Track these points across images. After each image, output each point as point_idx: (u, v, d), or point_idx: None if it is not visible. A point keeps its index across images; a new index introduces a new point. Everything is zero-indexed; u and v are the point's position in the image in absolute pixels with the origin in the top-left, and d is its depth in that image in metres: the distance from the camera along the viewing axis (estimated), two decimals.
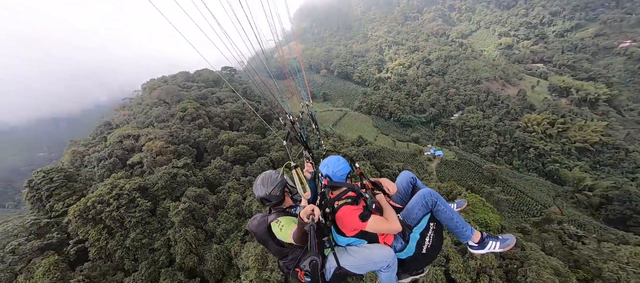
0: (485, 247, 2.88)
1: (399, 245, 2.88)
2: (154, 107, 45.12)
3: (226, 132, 38.72)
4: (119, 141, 34.57)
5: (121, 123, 43.53)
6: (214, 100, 49.35)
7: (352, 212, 2.65)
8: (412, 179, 3.30)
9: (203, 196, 27.84)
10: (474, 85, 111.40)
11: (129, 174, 30.16)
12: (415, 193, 2.92)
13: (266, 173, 2.88)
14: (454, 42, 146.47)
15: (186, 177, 29.51)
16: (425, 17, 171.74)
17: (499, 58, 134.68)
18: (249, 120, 45.19)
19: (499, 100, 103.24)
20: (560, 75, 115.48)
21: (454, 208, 3.13)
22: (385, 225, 2.65)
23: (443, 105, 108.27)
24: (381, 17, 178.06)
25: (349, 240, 2.79)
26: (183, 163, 31.13)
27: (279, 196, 2.81)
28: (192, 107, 41.61)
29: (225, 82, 60.60)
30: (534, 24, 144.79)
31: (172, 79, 57.92)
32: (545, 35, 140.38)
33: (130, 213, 24.98)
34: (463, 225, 2.87)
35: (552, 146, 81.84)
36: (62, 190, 28.73)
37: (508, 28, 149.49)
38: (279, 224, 2.62)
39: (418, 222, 2.87)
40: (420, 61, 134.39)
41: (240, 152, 35.59)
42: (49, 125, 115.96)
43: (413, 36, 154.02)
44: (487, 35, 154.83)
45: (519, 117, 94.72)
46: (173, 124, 39.07)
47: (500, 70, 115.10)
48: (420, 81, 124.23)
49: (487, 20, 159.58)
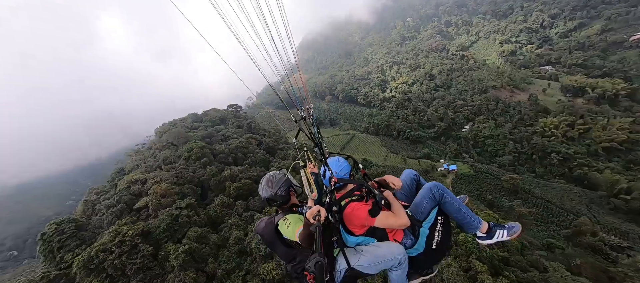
0: (494, 236, 2.89)
1: (409, 242, 2.87)
2: (162, 150, 47.18)
3: (230, 168, 39.36)
4: (127, 187, 35.80)
5: (133, 168, 45.44)
6: (219, 138, 51.04)
7: (360, 208, 2.65)
8: (415, 176, 3.34)
9: (204, 236, 27.59)
10: (481, 94, 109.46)
11: (135, 219, 30.74)
12: (421, 188, 2.94)
13: (270, 174, 2.91)
14: (455, 55, 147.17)
15: (188, 217, 29.62)
16: (423, 35, 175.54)
17: (503, 65, 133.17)
18: (252, 154, 45.97)
19: (510, 107, 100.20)
20: (572, 74, 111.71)
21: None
22: (393, 220, 2.65)
23: (452, 117, 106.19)
24: (379, 41, 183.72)
25: (358, 239, 2.78)
26: (186, 203, 31.48)
27: (285, 196, 2.83)
28: (197, 147, 43.12)
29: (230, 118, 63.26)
30: (534, 29, 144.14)
31: (181, 122, 60.97)
32: (548, 38, 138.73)
33: (131, 260, 24.96)
34: (471, 216, 2.88)
35: (576, 149, 76.83)
36: (72, 241, 29.47)
37: (508, 35, 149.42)
38: (286, 222, 2.61)
39: (426, 216, 2.87)
40: (423, 77, 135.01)
41: (243, 187, 35.76)
42: (77, 173, 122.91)
43: (413, 54, 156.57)
44: (487, 45, 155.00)
45: (534, 122, 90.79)
46: (179, 165, 40.38)
47: (506, 77, 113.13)
48: (425, 96, 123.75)
49: (486, 31, 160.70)
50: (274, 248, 2.80)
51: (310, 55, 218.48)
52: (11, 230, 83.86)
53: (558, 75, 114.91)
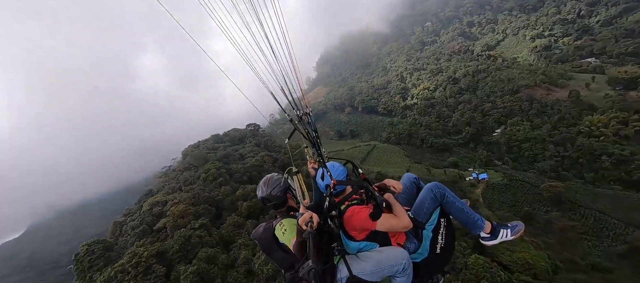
0: (498, 236, 2.85)
1: (413, 246, 2.81)
2: (184, 171, 50.19)
3: (243, 187, 40.37)
4: (149, 209, 38.39)
5: (159, 190, 48.87)
6: (236, 157, 53.04)
7: (360, 212, 2.61)
8: (415, 179, 3.32)
9: (214, 257, 28.13)
10: (512, 95, 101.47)
11: (155, 240, 32.55)
12: (422, 190, 2.92)
13: (269, 175, 3.00)
14: (481, 56, 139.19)
15: (200, 237, 30.58)
16: (444, 39, 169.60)
17: (537, 62, 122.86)
18: (267, 172, 46.64)
19: (547, 106, 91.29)
20: (621, 65, 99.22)
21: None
22: (395, 222, 2.59)
23: (480, 122, 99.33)
24: (398, 49, 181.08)
25: (359, 245, 2.71)
26: (199, 224, 32.59)
27: (280, 197, 2.86)
28: (214, 167, 45.12)
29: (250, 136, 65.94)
30: (570, 19, 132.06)
31: (203, 143, 64.62)
32: (588, 28, 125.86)
33: (146, 280, 26.28)
34: (474, 216, 2.85)
35: (633, 149, 66.96)
36: (100, 261, 31.94)
37: (540, 29, 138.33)
38: (282, 228, 2.61)
39: (429, 218, 2.83)
40: (446, 81, 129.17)
41: (254, 206, 36.22)
42: (125, 193, 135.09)
43: (434, 59, 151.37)
44: (517, 42, 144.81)
45: (577, 121, 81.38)
46: (197, 186, 42.47)
47: (540, 74, 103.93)
48: (449, 101, 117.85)
49: (514, 27, 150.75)
50: (271, 255, 2.78)
51: (329, 69, 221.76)
52: (68, 247, 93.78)
53: (604, 67, 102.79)
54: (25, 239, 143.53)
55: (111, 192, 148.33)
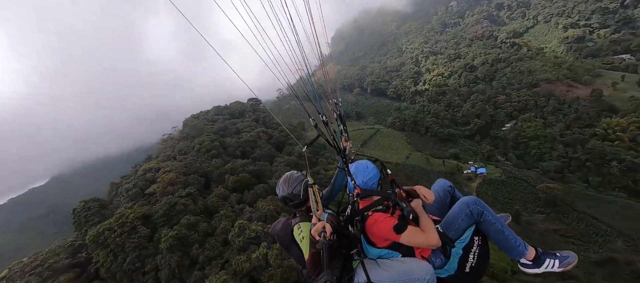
0: (542, 265, 2.56)
1: (439, 261, 2.61)
2: (181, 141, 52.09)
3: (234, 161, 41.76)
4: (143, 174, 40.79)
5: (157, 156, 51.37)
6: (233, 131, 54.19)
7: (384, 221, 2.49)
8: (449, 187, 3.04)
9: (195, 224, 30.14)
10: (530, 89, 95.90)
11: (145, 203, 34.99)
12: (457, 202, 2.68)
13: (289, 173, 2.89)
14: (505, 43, 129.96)
15: (185, 205, 32.56)
16: (468, 21, 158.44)
17: (564, 54, 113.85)
18: (259, 148, 47.91)
19: (565, 104, 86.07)
20: None
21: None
22: (422, 238, 2.43)
23: (491, 114, 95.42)
24: (417, 29, 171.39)
25: (380, 252, 2.61)
26: (186, 192, 34.54)
27: (302, 195, 2.77)
28: (208, 139, 46.54)
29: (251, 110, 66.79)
30: (612, 9, 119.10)
31: (204, 114, 65.96)
32: (631, 20, 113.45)
33: (130, 239, 28.77)
34: (515, 240, 2.56)
35: None
36: (95, 217, 34.95)
37: (576, 18, 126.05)
38: (300, 232, 2.57)
39: (461, 235, 2.59)
40: (463, 68, 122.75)
41: (240, 180, 37.70)
42: (137, 154, 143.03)
43: (453, 43, 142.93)
44: (547, 30, 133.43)
45: (594, 122, 76.70)
46: (190, 156, 44.29)
47: (565, 69, 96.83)
48: (462, 90, 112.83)
49: (547, 13, 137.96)
50: (289, 251, 2.77)
51: (343, 47, 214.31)
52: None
53: (638, 65, 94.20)
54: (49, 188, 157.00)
55: (128, 151, 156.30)
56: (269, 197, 33.53)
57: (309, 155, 2.21)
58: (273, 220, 28.45)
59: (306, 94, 3.10)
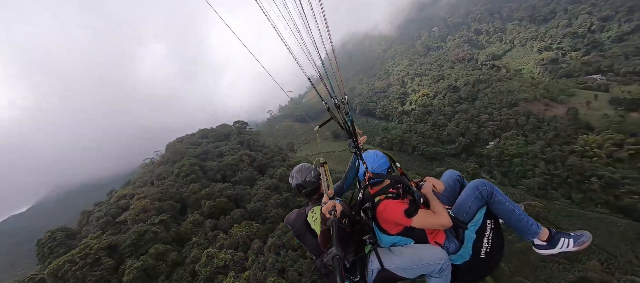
0: (557, 245, 2.51)
1: (453, 246, 2.59)
2: (161, 166, 51.36)
3: (213, 185, 41.12)
4: (116, 201, 39.63)
5: (136, 181, 50.31)
6: (215, 154, 53.95)
7: (395, 206, 2.51)
8: (458, 177, 3.10)
9: (164, 253, 28.94)
10: (510, 108, 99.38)
11: (116, 232, 33.63)
12: (465, 187, 2.71)
13: (300, 164, 3.12)
14: (485, 65, 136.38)
15: (155, 233, 31.42)
16: (449, 45, 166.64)
17: (541, 75, 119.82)
18: (241, 171, 47.55)
19: (544, 122, 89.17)
20: (627, 84, 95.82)
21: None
22: (433, 219, 2.42)
23: (475, 133, 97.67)
24: (402, 52, 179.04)
25: (393, 239, 2.61)
26: (159, 220, 33.51)
27: (314, 183, 2.94)
28: (188, 163, 46.09)
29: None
30: (580, 33, 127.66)
31: (188, 138, 65.82)
32: (599, 43, 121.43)
33: (92, 272, 27.26)
34: (527, 219, 2.54)
35: (625, 173, 64.94)
36: (61, 248, 33.27)
37: (549, 42, 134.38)
38: (314, 215, 2.64)
39: (472, 218, 2.58)
40: (446, 89, 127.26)
41: (217, 205, 36.94)
42: (128, 177, 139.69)
43: (437, 65, 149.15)
44: (524, 53, 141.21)
45: (572, 139, 79.22)
46: (168, 181, 43.49)
47: (541, 89, 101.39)
48: (446, 110, 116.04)
49: (522, 37, 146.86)
50: (303, 241, 2.80)
51: (335, 67, 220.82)
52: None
53: (609, 85, 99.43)
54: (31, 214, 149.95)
55: (120, 174, 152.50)
56: (244, 222, 32.72)
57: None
58: (245, 246, 27.62)
59: (319, 76, 3.13)
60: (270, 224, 31.39)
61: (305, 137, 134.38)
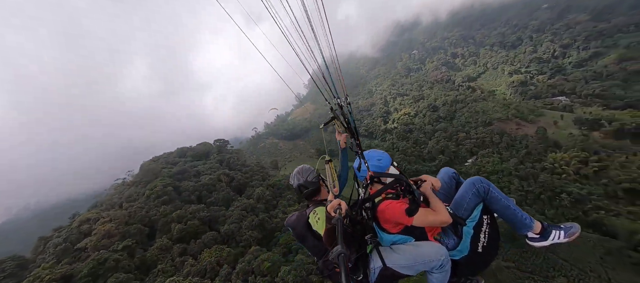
0: (549, 237, 2.66)
1: (452, 242, 2.67)
2: (132, 187, 48.94)
3: (185, 207, 39.40)
4: (78, 225, 36.96)
5: (104, 203, 47.47)
6: (191, 174, 52.24)
7: (396, 206, 2.53)
8: (454, 174, 3.17)
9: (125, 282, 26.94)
10: (485, 127, 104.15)
11: (73, 260, 31.04)
12: (463, 184, 2.78)
13: (301, 166, 3.11)
14: (461, 86, 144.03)
15: (116, 261, 29.26)
16: (428, 67, 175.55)
17: (512, 96, 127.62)
18: (218, 191, 46.08)
19: (516, 140, 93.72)
20: (588, 106, 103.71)
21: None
22: (433, 217, 2.47)
23: (453, 151, 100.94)
24: (385, 73, 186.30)
25: (394, 237, 2.65)
26: (123, 246, 31.36)
27: (315, 184, 2.96)
28: (161, 184, 44.22)
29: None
30: (545, 59, 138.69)
31: (165, 157, 63.54)
32: (562, 68, 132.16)
33: None
34: (521, 214, 2.66)
35: (591, 189, 68.55)
36: (11, 280, 30.20)
37: (518, 66, 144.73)
38: (315, 216, 2.65)
39: (470, 214, 2.64)
40: (426, 108, 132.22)
41: (188, 229, 35.21)
42: (89, 200, 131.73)
43: (417, 86, 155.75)
44: (496, 75, 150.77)
45: (542, 157, 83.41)
46: (137, 203, 41.29)
47: (513, 109, 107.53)
48: (427, 128, 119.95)
49: (494, 62, 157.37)
50: (304, 242, 2.80)
51: (320, 85, 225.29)
52: None
53: (572, 106, 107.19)
54: None
55: (97, 192, 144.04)
56: (215, 246, 31.28)
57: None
58: (214, 273, 26.26)
59: (322, 76, 3.17)
60: (243, 248, 30.05)
61: (290, 155, 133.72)
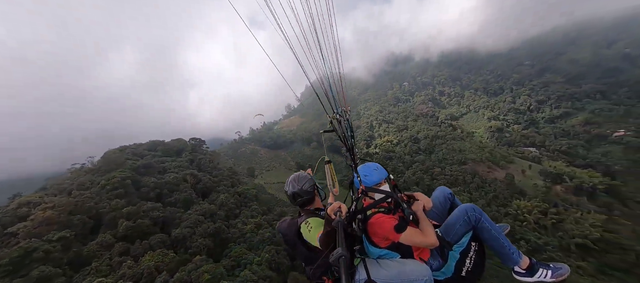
0: (535, 274, 2.65)
1: (436, 264, 2.69)
2: (88, 174, 46.31)
3: (141, 204, 37.49)
4: (16, 208, 34.21)
5: (52, 187, 44.43)
6: (157, 170, 50.18)
7: (386, 221, 2.57)
8: (449, 195, 3.17)
9: (49, 278, 24.78)
10: (460, 165, 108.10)
11: (1, 245, 28.45)
12: (456, 209, 2.78)
13: (297, 173, 3.09)
14: (444, 123, 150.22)
15: (47, 253, 27.12)
16: (416, 100, 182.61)
17: (488, 140, 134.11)
18: (180, 192, 44.36)
19: (486, 182, 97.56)
20: (554, 160, 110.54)
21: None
22: (420, 238, 2.50)
23: (427, 184, 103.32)
24: (374, 98, 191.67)
25: (381, 252, 2.69)
26: (59, 236, 29.21)
27: (310, 192, 2.95)
28: (120, 176, 42.11)
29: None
30: (522, 110, 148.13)
31: (133, 148, 60.85)
32: (535, 121, 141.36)
33: None
34: (510, 247, 2.68)
35: (548, 239, 71.71)
36: None
37: (497, 112, 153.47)
38: (307, 226, 2.63)
39: (459, 240, 2.68)
40: (408, 139, 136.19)
41: (137, 227, 33.42)
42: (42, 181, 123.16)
43: (403, 116, 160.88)
44: (477, 118, 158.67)
45: (508, 203, 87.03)
46: (89, 193, 38.95)
47: (487, 152, 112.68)
48: (406, 158, 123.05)
49: (476, 105, 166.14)
50: (294, 249, 2.84)
51: (311, 100, 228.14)
52: None
53: (541, 158, 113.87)
54: None
55: (45, 174, 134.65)
56: (159, 250, 29.75)
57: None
58: (149, 278, 24.85)
59: (322, 86, 3.20)
60: (191, 255, 28.63)
61: (269, 164, 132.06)
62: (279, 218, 40.01)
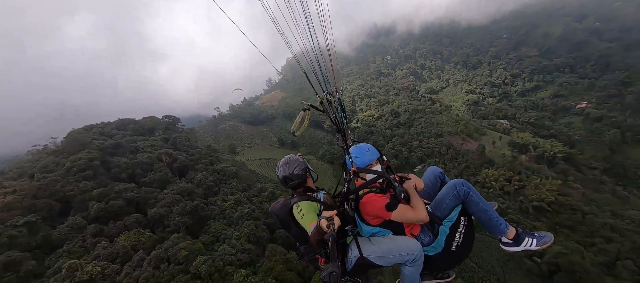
0: (521, 243, 2.77)
1: (427, 239, 2.76)
2: (51, 156, 43.66)
3: (112, 185, 36.40)
4: None
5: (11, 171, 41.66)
6: (127, 150, 48.06)
7: (377, 200, 2.62)
8: (440, 174, 3.21)
9: (18, 262, 24.36)
10: (436, 138, 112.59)
11: None
12: (445, 185, 2.84)
13: (288, 156, 3.12)
14: (424, 97, 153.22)
15: (12, 238, 26.26)
16: (398, 74, 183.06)
17: (464, 113, 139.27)
18: (155, 171, 43.24)
19: (459, 154, 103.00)
20: (523, 132, 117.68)
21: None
22: (411, 214, 2.57)
23: (406, 157, 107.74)
24: (357, 72, 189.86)
25: (373, 229, 2.75)
26: (24, 221, 28.17)
27: (301, 175, 2.97)
28: (87, 157, 40.05)
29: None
30: (497, 84, 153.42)
31: (100, 127, 57.28)
32: (508, 94, 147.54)
33: None
34: (497, 219, 2.79)
35: (509, 204, 78.59)
36: None
37: (474, 86, 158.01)
38: (299, 210, 2.66)
39: (448, 214, 2.75)
40: (389, 113, 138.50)
41: (110, 208, 32.75)
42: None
43: (385, 90, 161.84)
44: (455, 92, 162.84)
45: (477, 172, 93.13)
46: (53, 176, 37.01)
47: (462, 125, 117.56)
48: (386, 132, 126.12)
49: (455, 79, 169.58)
50: (287, 229, 2.89)
51: (291, 76, 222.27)
52: None
53: (511, 130, 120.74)
54: None
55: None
56: (135, 230, 29.64)
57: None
58: (126, 258, 24.99)
59: (311, 66, 3.09)
60: (168, 234, 28.84)
61: (251, 141, 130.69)
62: (258, 194, 40.55)
